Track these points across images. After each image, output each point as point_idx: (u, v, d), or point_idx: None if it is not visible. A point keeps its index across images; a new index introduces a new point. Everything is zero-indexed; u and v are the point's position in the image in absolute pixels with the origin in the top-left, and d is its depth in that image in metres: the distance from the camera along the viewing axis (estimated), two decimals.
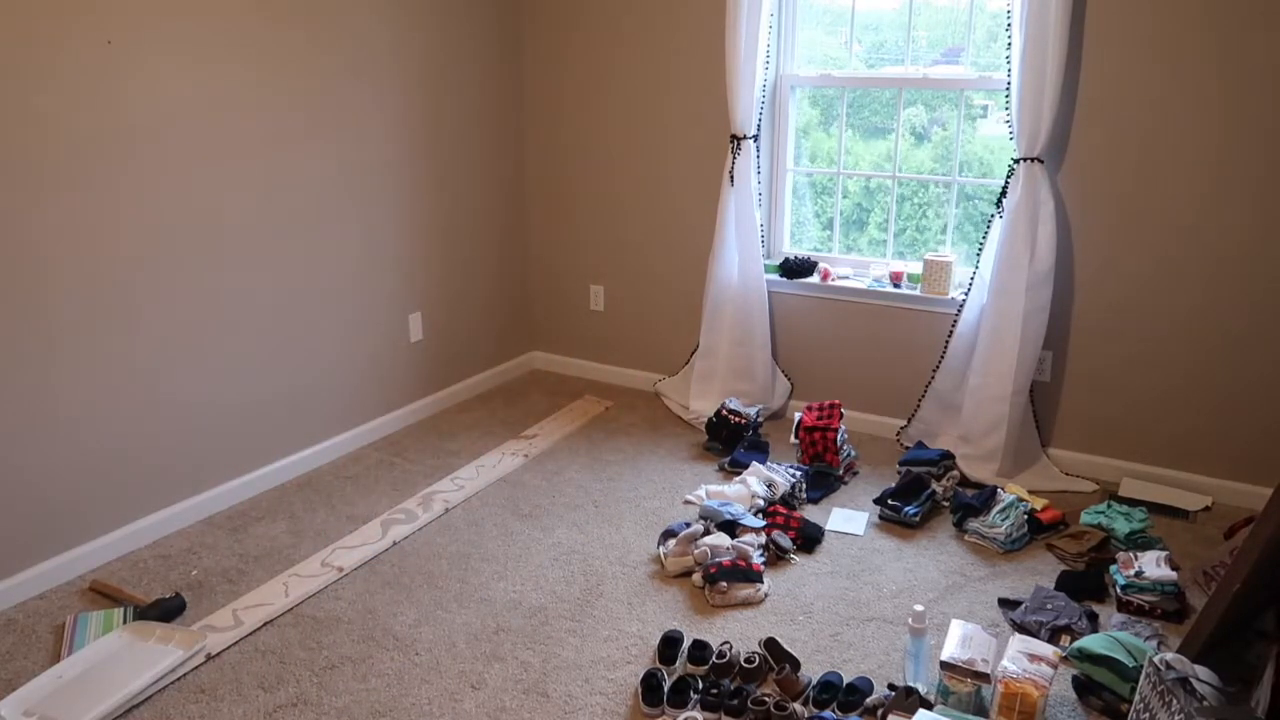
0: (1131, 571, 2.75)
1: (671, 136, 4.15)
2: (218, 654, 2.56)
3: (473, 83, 4.16)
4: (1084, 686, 2.36)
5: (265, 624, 2.69)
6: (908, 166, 3.91)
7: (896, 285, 3.80)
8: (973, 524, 3.15)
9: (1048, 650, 2.26)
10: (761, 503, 3.25)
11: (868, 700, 2.31)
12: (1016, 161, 3.34)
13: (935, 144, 3.83)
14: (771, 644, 2.50)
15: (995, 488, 3.29)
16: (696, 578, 2.88)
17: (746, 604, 2.79)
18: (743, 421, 3.78)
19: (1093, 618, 2.66)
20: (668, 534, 3.07)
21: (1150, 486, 3.42)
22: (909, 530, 3.21)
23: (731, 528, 3.09)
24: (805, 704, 2.35)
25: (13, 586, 2.77)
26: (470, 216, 4.29)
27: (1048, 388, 3.62)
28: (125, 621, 2.64)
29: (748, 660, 2.42)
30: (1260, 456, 3.30)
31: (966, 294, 3.58)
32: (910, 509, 3.23)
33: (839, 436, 3.54)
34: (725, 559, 2.85)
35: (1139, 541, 3.01)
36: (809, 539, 3.10)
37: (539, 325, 4.80)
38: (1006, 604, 2.77)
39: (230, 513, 3.33)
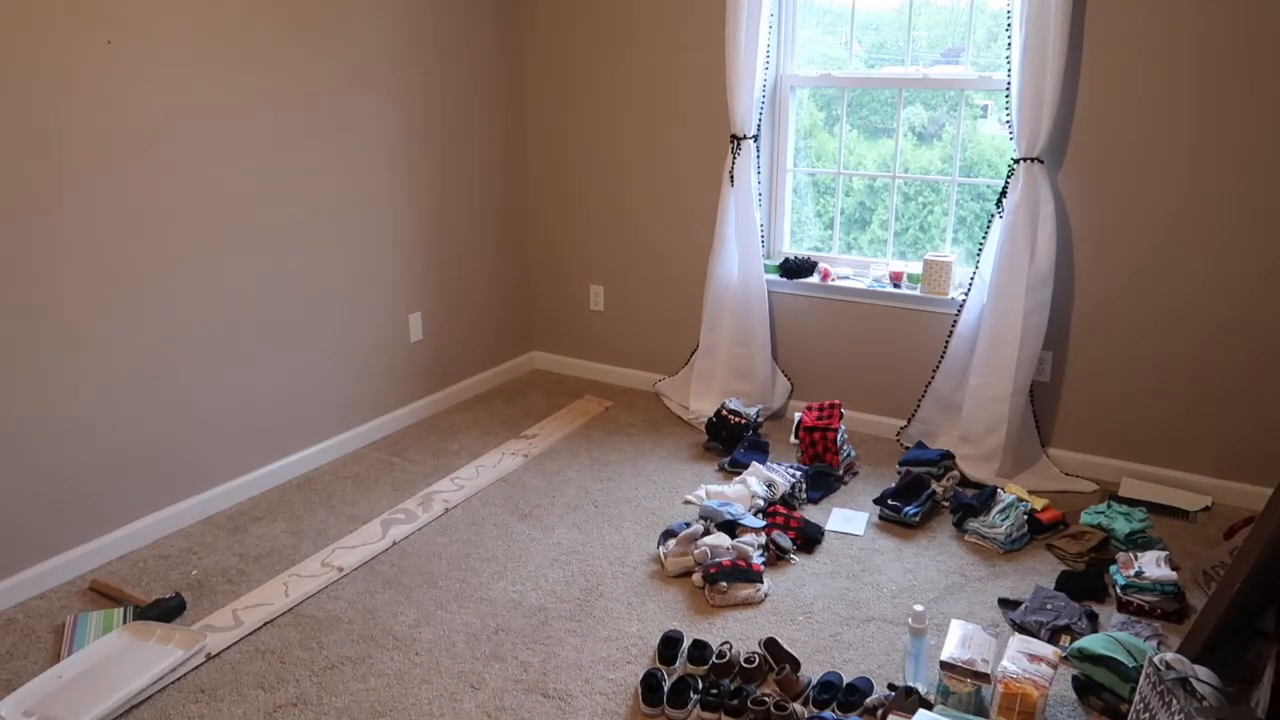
0: (1131, 571, 2.75)
1: (671, 136, 4.15)
2: (218, 654, 2.56)
3: (473, 83, 4.16)
4: (1084, 686, 2.36)
5: (265, 624, 2.69)
6: (915, 166, 3.91)
7: (896, 285, 3.80)
8: (973, 524, 3.15)
9: (1048, 650, 2.26)
10: (761, 503, 3.25)
11: (868, 700, 2.31)
12: (1016, 161, 3.34)
13: (945, 143, 3.83)
14: (771, 644, 2.50)
15: (995, 488, 3.29)
16: (696, 578, 2.88)
17: (746, 604, 2.79)
18: (743, 421, 3.78)
19: (1093, 618, 2.66)
20: (668, 534, 3.07)
21: (1150, 486, 3.42)
22: (909, 530, 3.21)
23: (731, 528, 3.09)
24: (805, 704, 2.35)
25: (13, 586, 2.77)
26: (470, 217, 4.29)
27: (1048, 388, 3.62)
28: (125, 621, 2.64)
29: (748, 660, 2.42)
30: (1260, 456, 3.30)
31: (966, 294, 3.58)
32: (910, 509, 3.23)
33: (839, 436, 3.54)
34: (725, 559, 2.85)
35: (1139, 541, 3.01)
36: (809, 539, 3.10)
37: (539, 325, 4.80)
38: (1006, 604, 2.77)
39: (230, 513, 3.33)
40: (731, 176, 3.88)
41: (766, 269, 4.00)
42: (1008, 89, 3.31)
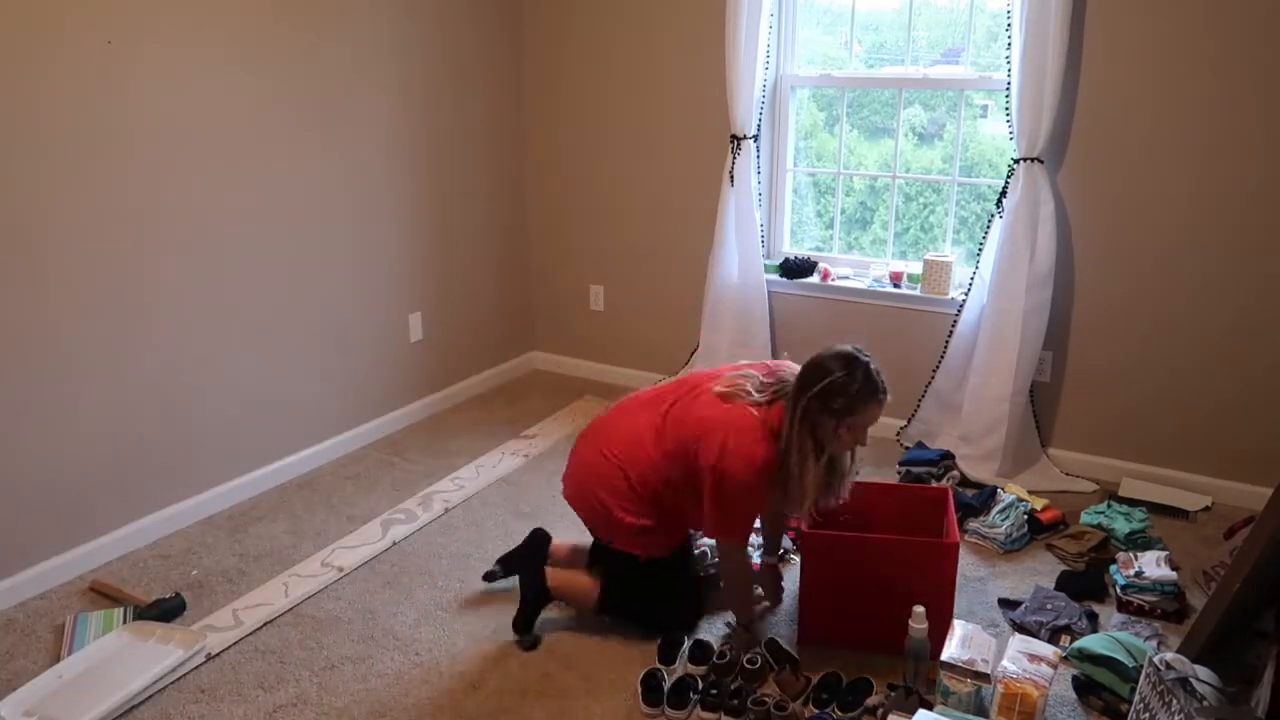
0: (1131, 571, 2.75)
1: (671, 136, 4.15)
2: (218, 654, 2.56)
3: (474, 82, 4.16)
4: (1084, 686, 2.37)
5: (265, 624, 2.69)
6: (916, 166, 3.91)
7: (896, 285, 3.80)
8: (973, 524, 3.15)
9: (1048, 650, 2.26)
10: None
11: (868, 700, 2.31)
12: (1016, 161, 3.34)
13: (945, 143, 3.83)
14: (771, 644, 2.50)
15: (995, 488, 3.29)
16: None
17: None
18: None
19: (1093, 618, 2.66)
20: None
21: (1150, 486, 3.41)
22: None
23: None
24: (805, 704, 2.35)
25: (13, 586, 2.77)
26: (471, 216, 4.29)
27: (1048, 388, 3.62)
28: (125, 621, 2.64)
29: (749, 661, 2.42)
30: (1260, 456, 3.29)
31: (966, 294, 3.58)
32: None
33: None
34: None
35: (1139, 541, 3.01)
36: None
37: (539, 325, 4.80)
38: (1006, 604, 2.77)
39: (230, 513, 3.33)
40: (731, 176, 3.88)
41: (766, 269, 4.00)
42: (1008, 89, 3.31)
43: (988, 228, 3.51)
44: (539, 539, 2.84)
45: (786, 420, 2.35)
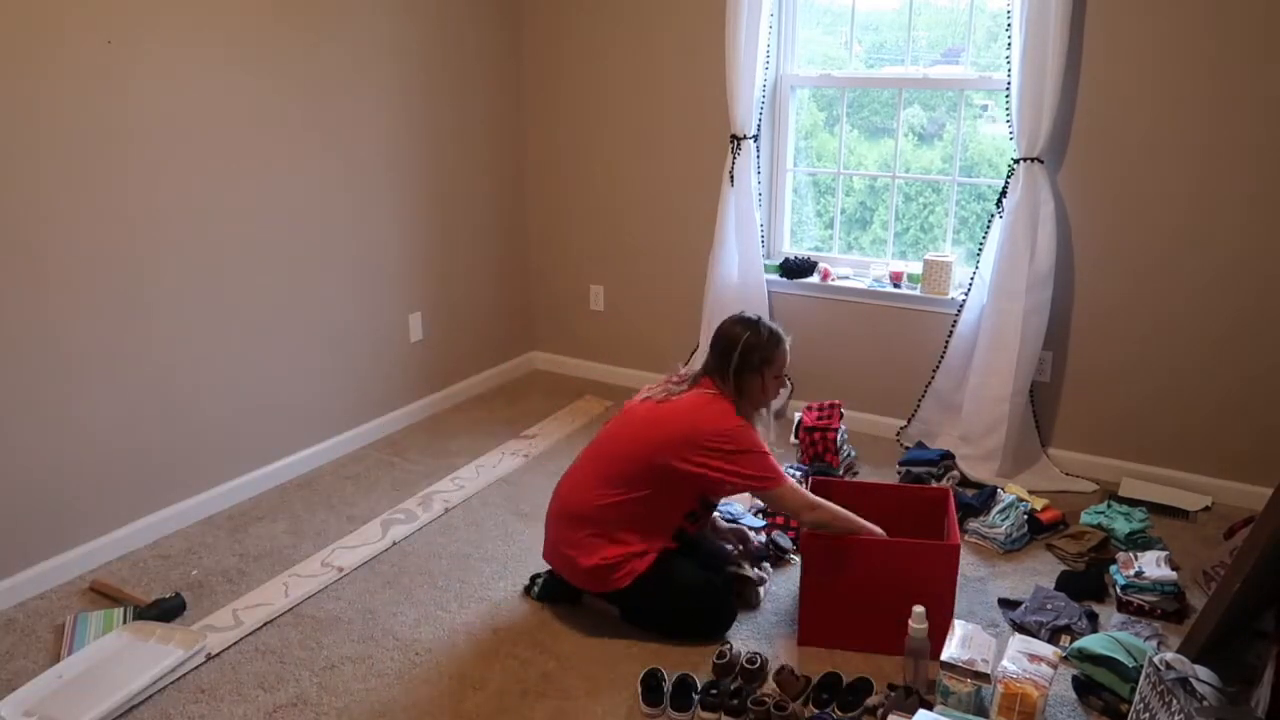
0: (1131, 571, 2.75)
1: (671, 136, 4.15)
2: (218, 654, 2.56)
3: (473, 81, 4.16)
4: (1084, 686, 2.37)
5: (265, 624, 2.69)
6: (916, 166, 3.91)
7: (896, 285, 3.80)
8: (973, 524, 3.15)
9: (1048, 650, 2.26)
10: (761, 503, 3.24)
11: (868, 700, 2.31)
12: (1016, 161, 3.34)
13: (945, 143, 3.83)
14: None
15: (995, 488, 3.29)
16: None
17: (747, 604, 2.79)
18: None
19: (1093, 618, 2.66)
20: None
21: (1150, 486, 3.41)
22: None
23: None
24: (805, 704, 2.35)
25: (13, 586, 2.77)
26: (471, 216, 4.29)
27: (1048, 388, 3.62)
28: (125, 621, 2.64)
29: (749, 661, 2.42)
30: (1260, 456, 3.30)
31: (966, 294, 3.58)
32: None
33: (839, 436, 3.54)
34: None
35: (1139, 541, 3.01)
36: None
37: (539, 325, 4.80)
38: (1006, 604, 2.77)
39: (230, 513, 3.33)
40: (731, 176, 3.88)
41: (766, 269, 4.00)
42: (1008, 89, 3.31)
43: (988, 228, 3.51)
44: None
45: (727, 391, 2.57)
